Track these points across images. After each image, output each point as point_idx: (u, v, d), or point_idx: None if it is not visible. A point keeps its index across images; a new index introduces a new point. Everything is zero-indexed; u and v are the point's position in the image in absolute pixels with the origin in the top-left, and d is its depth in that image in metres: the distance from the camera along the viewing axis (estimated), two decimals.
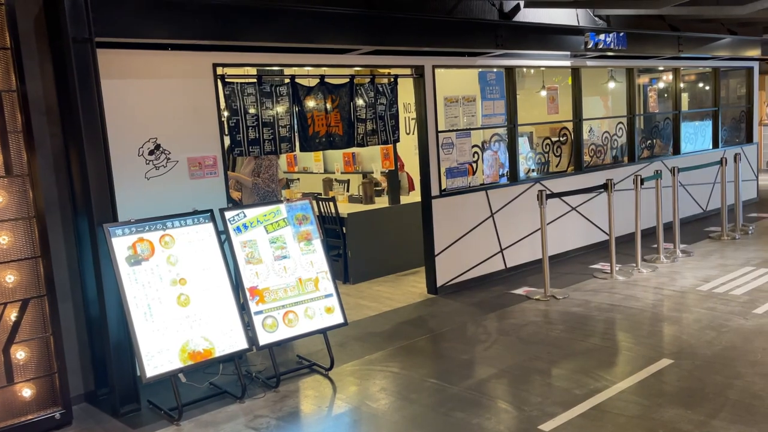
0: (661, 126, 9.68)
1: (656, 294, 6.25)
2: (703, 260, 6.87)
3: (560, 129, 8.24)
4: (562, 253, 7.85)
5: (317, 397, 4.46)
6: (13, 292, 4.01)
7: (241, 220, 4.69)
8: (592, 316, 5.70)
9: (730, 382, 4.17)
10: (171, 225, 4.41)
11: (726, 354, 4.64)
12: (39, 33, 4.27)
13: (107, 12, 4.23)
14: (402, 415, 4.06)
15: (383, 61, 6.23)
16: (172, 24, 4.56)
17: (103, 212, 4.24)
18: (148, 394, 4.52)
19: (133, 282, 4.16)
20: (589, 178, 8.07)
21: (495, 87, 7.16)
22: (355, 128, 6.01)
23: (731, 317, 5.40)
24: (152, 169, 4.78)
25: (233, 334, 4.43)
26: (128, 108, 4.64)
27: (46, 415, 4.10)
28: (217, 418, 4.18)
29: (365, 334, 5.64)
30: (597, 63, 8.29)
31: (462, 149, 6.89)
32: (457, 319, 5.89)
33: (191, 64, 4.95)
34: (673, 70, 9.59)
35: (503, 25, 6.67)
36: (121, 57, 4.59)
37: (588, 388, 4.22)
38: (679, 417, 3.76)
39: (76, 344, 4.52)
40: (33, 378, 4.09)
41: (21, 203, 4.02)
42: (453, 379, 4.54)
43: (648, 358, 4.66)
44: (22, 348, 4.04)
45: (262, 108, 5.38)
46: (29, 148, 4.00)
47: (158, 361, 4.12)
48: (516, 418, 3.91)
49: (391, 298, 6.71)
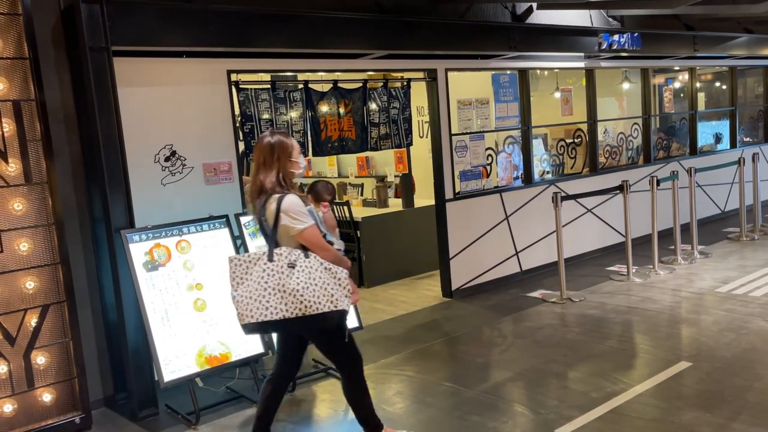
0: (677, 126, 9.59)
1: (674, 296, 6.19)
2: (722, 261, 6.79)
3: (575, 130, 8.19)
4: (577, 255, 7.80)
5: (333, 401, 4.46)
6: (33, 298, 4.07)
7: (256, 225, 4.71)
8: (609, 319, 5.66)
9: (750, 385, 4.12)
10: (187, 230, 4.45)
11: (745, 356, 4.59)
12: (57, 43, 4.34)
13: (123, 21, 4.29)
14: (418, 419, 4.06)
15: (396, 65, 6.24)
16: (187, 31, 4.61)
17: (120, 219, 4.29)
18: (165, 398, 4.56)
19: (150, 287, 4.20)
20: (605, 180, 8.01)
21: (508, 89, 7.14)
22: (368, 132, 6.02)
23: (751, 319, 5.33)
24: (168, 176, 4.83)
25: (249, 339, 4.46)
26: (144, 115, 4.70)
27: (66, 419, 4.16)
28: (234, 422, 4.20)
29: (380, 337, 5.65)
30: (611, 64, 8.24)
31: (476, 152, 6.88)
32: (473, 323, 5.87)
33: (206, 71, 5.00)
34: (689, 69, 9.50)
35: (516, 28, 6.66)
36: (137, 65, 4.65)
37: (605, 391, 4.19)
38: (698, 420, 3.72)
39: (95, 349, 4.58)
40: (53, 383, 4.15)
41: (40, 210, 4.08)
42: (469, 382, 4.53)
43: (666, 360, 4.62)
44: (42, 353, 4.10)
45: (276, 113, 5.41)
46: (48, 156, 4.06)
47: (175, 366, 4.15)
48: (532, 422, 3.89)
49: (406, 302, 6.70)
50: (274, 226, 3.19)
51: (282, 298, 3.09)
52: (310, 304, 3.08)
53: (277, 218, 3.16)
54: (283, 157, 3.25)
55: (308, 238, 3.17)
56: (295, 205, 3.17)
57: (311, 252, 3.18)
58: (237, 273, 3.19)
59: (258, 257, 3.17)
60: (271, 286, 3.10)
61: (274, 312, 3.09)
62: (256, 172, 3.26)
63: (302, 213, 3.18)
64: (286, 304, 3.09)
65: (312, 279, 3.11)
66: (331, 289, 3.13)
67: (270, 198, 3.20)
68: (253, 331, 3.20)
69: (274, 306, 3.09)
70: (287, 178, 3.26)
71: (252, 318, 3.11)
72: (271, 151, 3.23)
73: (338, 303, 3.13)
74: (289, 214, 3.15)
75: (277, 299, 3.09)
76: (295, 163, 3.30)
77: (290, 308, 3.09)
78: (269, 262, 3.12)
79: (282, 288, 3.09)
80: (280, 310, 3.09)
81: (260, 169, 3.24)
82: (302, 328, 3.21)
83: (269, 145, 3.25)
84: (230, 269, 3.21)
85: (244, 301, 3.12)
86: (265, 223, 3.23)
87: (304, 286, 3.09)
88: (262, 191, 3.22)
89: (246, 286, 3.14)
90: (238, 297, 3.15)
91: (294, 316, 3.09)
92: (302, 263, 3.13)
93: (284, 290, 3.08)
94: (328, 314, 3.12)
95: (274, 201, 3.17)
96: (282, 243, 3.21)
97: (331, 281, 3.15)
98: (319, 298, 3.10)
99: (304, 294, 3.07)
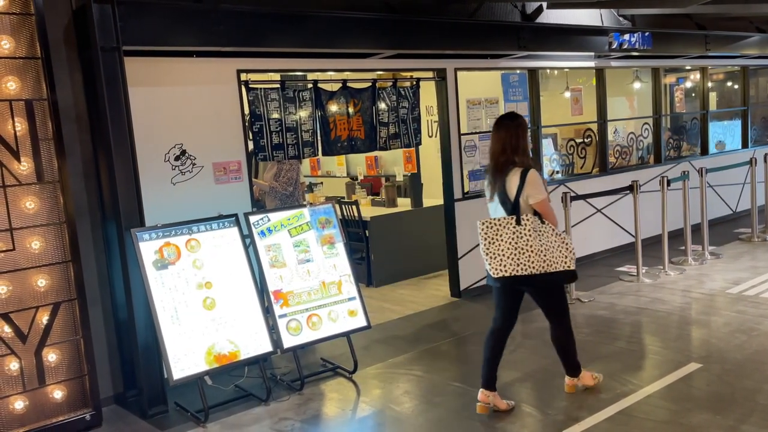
0: (689, 126, 9.52)
1: (684, 297, 6.15)
2: (733, 262, 6.74)
3: (585, 130, 8.16)
4: (587, 255, 7.77)
5: (341, 400, 4.48)
6: (44, 296, 4.10)
7: (265, 224, 4.74)
8: (619, 320, 5.63)
9: (761, 387, 4.09)
10: (197, 229, 4.48)
11: (756, 358, 4.55)
12: (68, 42, 4.38)
13: (134, 21, 4.32)
14: (426, 419, 4.06)
15: (405, 65, 6.24)
16: (197, 32, 4.64)
17: (130, 217, 4.32)
18: (175, 396, 4.58)
19: (160, 286, 4.23)
20: (615, 180, 7.97)
21: (518, 89, 7.12)
22: (377, 132, 6.03)
23: (762, 320, 5.29)
24: (178, 175, 4.86)
25: (258, 337, 4.48)
26: (155, 114, 4.73)
27: (76, 416, 4.19)
28: (242, 420, 4.22)
29: (389, 337, 5.65)
30: (622, 63, 8.19)
31: (485, 152, 6.86)
32: (481, 323, 5.86)
33: (216, 71, 5.02)
34: (701, 69, 9.43)
35: (526, 27, 6.64)
36: (148, 65, 4.68)
37: (614, 392, 4.17)
38: (707, 422, 3.70)
39: (105, 347, 4.61)
40: (64, 380, 4.18)
41: (52, 209, 4.12)
42: (477, 382, 4.51)
43: (676, 362, 4.59)
44: (53, 351, 4.14)
45: (286, 113, 5.43)
46: (60, 155, 4.10)
47: (185, 364, 4.18)
48: (541, 422, 3.88)
49: (414, 302, 6.70)
50: (517, 194, 3.75)
51: (530, 257, 3.73)
52: (551, 263, 3.75)
53: (521, 188, 3.74)
54: (524, 135, 3.88)
55: (543, 207, 3.79)
56: (537, 177, 3.79)
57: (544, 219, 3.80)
58: (489, 234, 3.79)
59: (506, 221, 3.78)
60: (520, 247, 3.73)
61: (524, 268, 3.73)
62: (501, 149, 3.86)
63: (540, 185, 3.79)
64: (534, 262, 3.73)
65: (550, 242, 3.77)
66: (564, 251, 3.79)
67: (513, 170, 3.79)
68: (505, 284, 3.82)
69: (523, 263, 3.73)
70: (527, 152, 3.90)
71: (506, 272, 3.74)
72: (517, 130, 3.85)
73: (571, 264, 3.81)
74: (531, 185, 3.74)
75: (525, 257, 3.73)
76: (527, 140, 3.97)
77: (536, 265, 3.73)
78: (517, 225, 3.74)
79: (530, 248, 3.73)
80: (528, 266, 3.73)
81: (506, 146, 3.84)
82: (541, 282, 3.81)
83: (516, 125, 3.87)
84: (482, 230, 3.81)
85: (497, 257, 3.75)
86: (507, 191, 3.79)
87: (546, 248, 3.75)
88: (507, 164, 3.82)
89: (497, 245, 3.76)
90: (491, 254, 3.78)
91: (538, 272, 3.74)
92: (541, 228, 3.77)
93: (532, 250, 3.73)
94: (563, 273, 3.79)
95: (518, 173, 3.77)
96: (521, 209, 3.78)
97: (562, 245, 3.80)
98: (557, 259, 3.77)
99: (547, 254, 3.74)
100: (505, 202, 3.82)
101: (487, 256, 3.78)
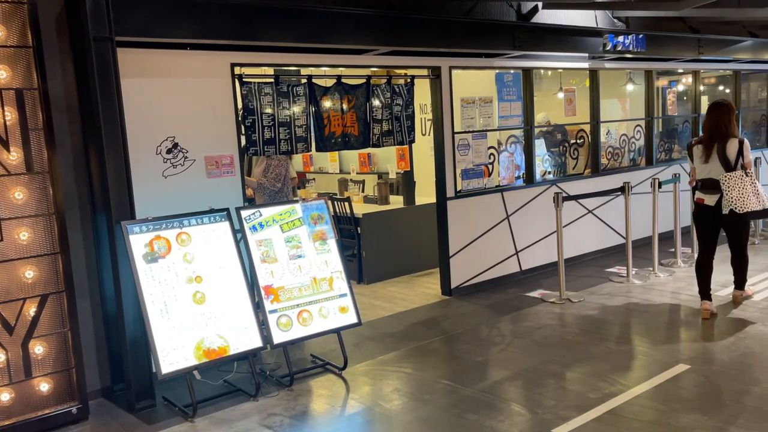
0: (680, 129, 9.57)
1: (673, 298, 6.18)
2: (722, 265, 6.74)
3: (577, 131, 8.18)
4: (577, 256, 7.79)
5: (330, 396, 4.47)
6: (32, 288, 4.06)
7: (257, 219, 4.72)
8: (608, 320, 5.65)
9: (748, 389, 4.12)
10: (188, 223, 4.45)
11: (744, 360, 4.59)
12: (60, 32, 4.33)
13: (127, 12, 4.28)
14: (415, 416, 4.06)
15: (400, 62, 6.23)
16: (192, 24, 4.60)
17: (121, 210, 4.28)
18: (163, 390, 4.56)
19: (149, 279, 4.20)
20: (606, 181, 8.00)
21: (512, 88, 7.13)
22: (371, 129, 6.01)
23: (750, 323, 5.33)
24: (170, 168, 4.83)
25: (248, 333, 4.46)
26: (147, 107, 4.69)
27: (63, 409, 4.16)
28: (231, 416, 4.20)
29: (379, 334, 5.65)
30: (615, 65, 8.22)
31: (478, 150, 6.87)
32: (471, 321, 5.87)
33: (209, 64, 4.99)
34: (693, 72, 9.49)
35: (521, 27, 6.64)
36: (141, 56, 4.64)
37: (603, 392, 4.19)
38: (695, 423, 3.72)
39: (93, 340, 4.58)
40: (51, 373, 4.15)
41: (41, 200, 4.08)
42: (466, 380, 4.53)
43: (664, 362, 4.62)
44: (40, 343, 4.10)
45: (279, 108, 5.40)
46: (50, 146, 4.05)
47: (173, 358, 4.15)
48: (530, 421, 3.89)
49: (405, 299, 6.70)
50: (737, 156, 5.26)
51: (757, 197, 5.28)
52: (764, 202, 5.32)
53: (741, 151, 5.27)
54: (733, 114, 5.42)
55: (751, 165, 5.38)
56: (748, 144, 5.37)
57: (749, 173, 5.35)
58: (730, 183, 5.24)
59: (741, 174, 5.25)
60: (750, 191, 5.26)
61: (753, 205, 5.25)
62: (716, 125, 5.35)
63: (749, 149, 5.34)
64: (760, 201, 5.30)
65: (757, 188, 5.31)
66: (764, 195, 5.37)
67: (731, 139, 5.29)
68: (748, 217, 5.35)
69: (753, 202, 5.26)
70: (736, 127, 5.43)
71: (748, 208, 5.23)
72: (731, 110, 5.39)
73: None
74: (748, 150, 5.31)
75: (754, 198, 5.27)
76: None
77: (758, 203, 5.28)
78: (746, 177, 5.26)
79: (756, 192, 5.29)
80: (756, 204, 5.27)
81: (720, 123, 5.34)
82: (753, 216, 5.41)
83: (730, 105, 5.44)
84: (725, 181, 5.25)
85: (741, 198, 5.23)
86: (728, 154, 5.26)
87: (761, 191, 5.33)
88: (724, 136, 5.30)
89: (738, 190, 5.23)
90: (735, 196, 5.23)
91: (759, 209, 5.31)
92: (754, 179, 5.32)
93: (757, 193, 5.29)
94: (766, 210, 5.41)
95: (735, 141, 5.29)
96: (738, 166, 5.28)
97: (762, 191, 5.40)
98: (766, 199, 5.37)
99: (760, 196, 5.32)
100: (726, 162, 5.25)
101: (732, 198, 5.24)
